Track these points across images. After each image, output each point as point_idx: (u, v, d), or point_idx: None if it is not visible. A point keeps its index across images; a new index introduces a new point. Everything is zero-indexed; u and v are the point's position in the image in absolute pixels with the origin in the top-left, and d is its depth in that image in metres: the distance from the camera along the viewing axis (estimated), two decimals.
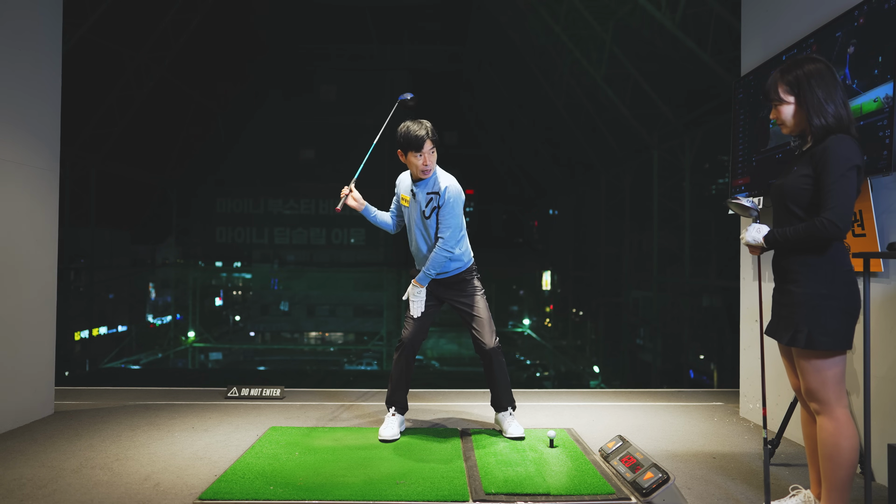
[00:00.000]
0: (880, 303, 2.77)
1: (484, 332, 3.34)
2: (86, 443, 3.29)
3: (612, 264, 18.80)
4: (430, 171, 3.24)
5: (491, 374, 3.40)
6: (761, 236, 2.20)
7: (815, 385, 2.12)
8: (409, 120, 3.25)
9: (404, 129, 3.21)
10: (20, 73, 3.68)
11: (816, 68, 2.12)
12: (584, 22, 13.42)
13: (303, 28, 21.81)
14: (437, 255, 3.24)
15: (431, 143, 3.19)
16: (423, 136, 3.15)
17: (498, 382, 3.41)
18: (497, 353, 3.36)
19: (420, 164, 3.20)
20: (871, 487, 2.28)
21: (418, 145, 3.16)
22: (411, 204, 3.34)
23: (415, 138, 3.16)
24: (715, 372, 14.12)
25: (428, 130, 3.19)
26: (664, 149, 14.31)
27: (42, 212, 3.87)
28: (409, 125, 3.21)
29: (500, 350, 3.38)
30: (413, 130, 3.18)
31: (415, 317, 3.33)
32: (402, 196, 3.40)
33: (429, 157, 3.20)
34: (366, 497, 2.52)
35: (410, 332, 3.39)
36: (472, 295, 3.39)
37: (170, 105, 18.60)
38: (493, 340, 3.34)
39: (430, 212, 3.26)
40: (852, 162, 2.03)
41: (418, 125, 3.20)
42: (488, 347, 3.33)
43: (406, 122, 3.23)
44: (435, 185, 3.26)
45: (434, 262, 3.25)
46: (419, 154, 3.18)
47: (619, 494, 2.56)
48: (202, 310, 25.54)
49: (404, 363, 3.43)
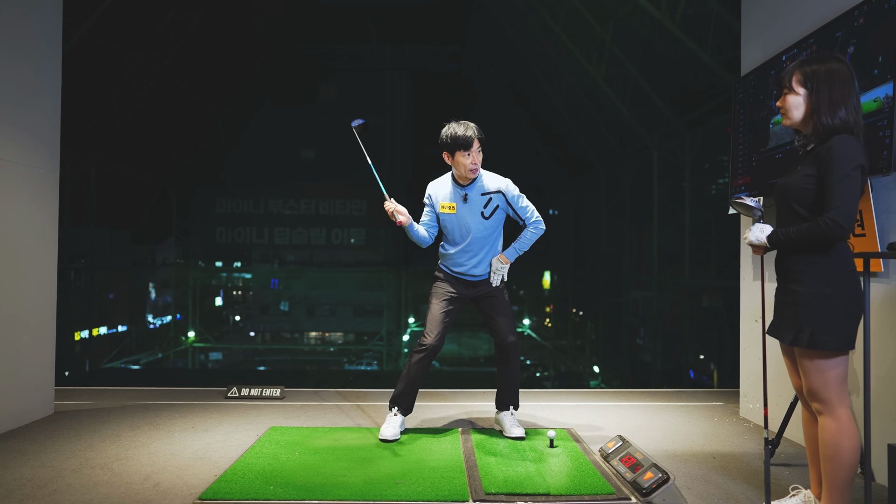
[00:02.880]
0: (880, 303, 2.77)
1: (508, 325, 3.40)
2: (86, 443, 3.29)
3: (612, 264, 18.80)
4: (478, 169, 3.28)
5: (505, 370, 3.43)
6: (764, 236, 2.20)
7: (818, 385, 2.12)
8: (453, 121, 3.27)
9: (450, 130, 3.23)
10: (20, 73, 3.67)
11: (838, 69, 2.11)
12: (584, 22, 13.43)
13: (303, 28, 21.82)
14: (534, 235, 3.39)
15: (478, 141, 3.23)
16: (470, 135, 3.19)
17: (510, 378, 3.44)
18: (517, 348, 3.40)
19: (469, 162, 3.22)
20: (871, 487, 2.28)
21: (467, 144, 3.19)
22: (460, 210, 3.33)
23: (463, 138, 3.19)
24: (715, 372, 14.12)
25: (474, 130, 3.23)
26: (664, 149, 14.31)
27: (42, 212, 3.87)
28: (454, 126, 3.24)
29: (519, 346, 3.43)
30: (460, 131, 3.21)
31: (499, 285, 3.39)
32: (441, 205, 3.37)
33: (477, 156, 3.23)
34: (366, 497, 2.52)
35: (436, 335, 3.35)
36: (500, 290, 3.44)
37: (170, 105, 18.61)
38: (515, 336, 3.41)
39: (491, 212, 3.32)
40: (857, 162, 2.02)
41: (464, 126, 3.23)
42: (510, 341, 3.38)
43: (450, 124, 3.26)
44: (491, 185, 3.32)
45: (529, 241, 3.39)
46: (468, 153, 3.21)
47: (619, 494, 2.56)
48: (202, 310, 25.54)
49: (422, 367, 3.39)
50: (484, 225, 3.33)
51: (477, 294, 3.43)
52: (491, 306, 3.43)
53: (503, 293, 3.47)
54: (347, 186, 25.29)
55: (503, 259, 3.37)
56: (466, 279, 3.42)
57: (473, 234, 3.33)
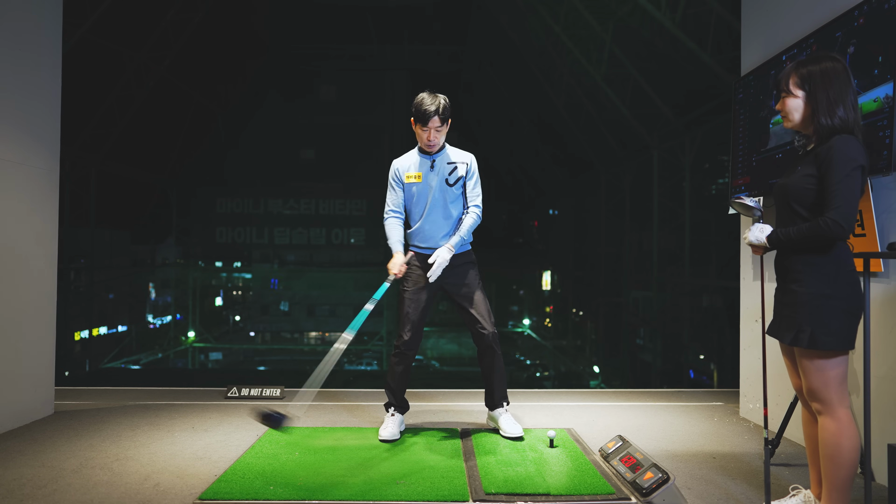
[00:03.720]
0: (880, 303, 2.77)
1: (484, 317, 3.31)
2: (86, 443, 3.29)
3: (612, 264, 18.80)
4: (434, 147, 3.25)
5: (489, 364, 3.37)
6: (764, 236, 2.20)
7: (818, 385, 2.12)
8: (428, 91, 3.18)
9: (418, 99, 3.17)
10: (20, 73, 3.67)
11: (833, 67, 2.11)
12: (584, 22, 13.43)
13: (303, 28, 21.82)
14: (474, 221, 3.32)
15: (439, 120, 3.14)
16: (430, 111, 3.11)
17: (495, 372, 3.38)
18: (496, 340, 3.33)
19: (424, 137, 3.20)
20: (871, 487, 2.28)
21: (424, 119, 3.14)
22: (426, 178, 3.29)
23: (422, 113, 3.13)
24: (715, 372, 14.13)
25: (439, 107, 3.13)
26: (664, 149, 14.31)
27: (42, 212, 3.87)
28: (424, 98, 3.15)
29: (498, 337, 3.35)
30: (424, 104, 3.13)
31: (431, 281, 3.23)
32: (407, 175, 3.33)
33: (433, 134, 3.18)
34: (366, 497, 2.52)
35: (408, 335, 3.34)
36: (474, 280, 3.36)
37: (170, 105, 18.61)
38: (492, 326, 3.33)
39: (455, 180, 3.28)
40: (857, 162, 2.02)
41: (431, 99, 3.14)
42: (488, 332, 3.30)
43: (422, 94, 3.18)
44: (458, 156, 3.30)
45: (469, 228, 3.30)
46: (424, 128, 3.17)
47: (619, 494, 2.56)
48: (202, 310, 25.55)
49: (403, 368, 3.40)
50: (448, 192, 3.29)
51: (450, 279, 3.32)
52: (466, 293, 3.33)
53: (478, 279, 3.38)
54: (347, 186, 25.30)
55: (450, 248, 3.23)
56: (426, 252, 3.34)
57: (437, 200, 3.29)
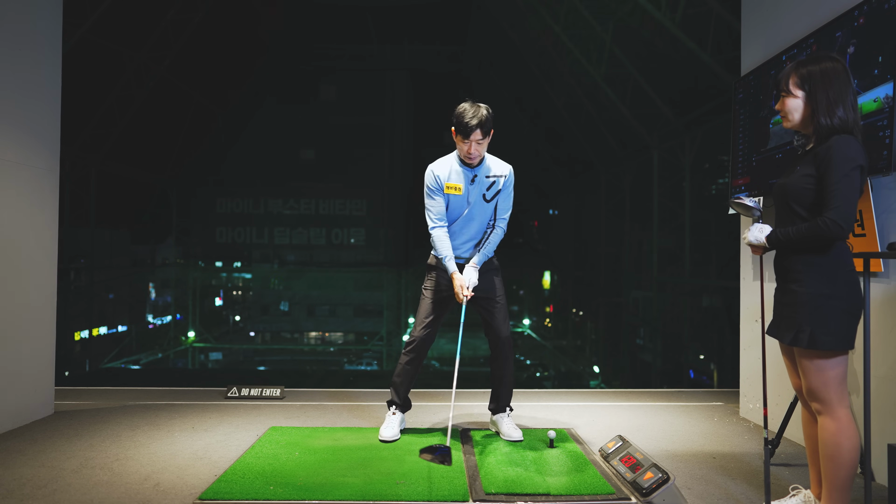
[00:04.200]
0: (880, 303, 2.77)
1: (502, 321, 3.34)
2: (86, 443, 3.28)
3: (612, 264, 18.81)
4: (475, 159, 3.18)
5: (500, 367, 3.38)
6: (763, 236, 2.20)
7: (818, 385, 2.12)
8: (469, 102, 3.13)
9: (460, 110, 3.10)
10: (20, 73, 3.67)
11: (833, 67, 2.11)
12: (584, 22, 13.43)
13: (303, 28, 21.82)
14: (499, 239, 3.32)
15: (481, 133, 3.09)
16: (473, 126, 3.05)
17: (504, 378, 3.39)
18: (510, 345, 3.36)
19: (465, 150, 3.14)
20: (871, 487, 2.28)
21: (465, 133, 3.08)
22: (466, 190, 3.24)
23: (464, 125, 3.07)
24: (715, 372, 14.13)
25: (482, 120, 3.07)
26: (664, 149, 14.32)
27: (42, 212, 3.87)
28: (466, 108, 3.08)
29: (512, 342, 3.38)
30: (466, 116, 3.06)
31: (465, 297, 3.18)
32: (447, 185, 3.24)
33: (474, 147, 3.12)
34: (366, 497, 2.52)
35: (423, 332, 3.34)
36: (498, 286, 3.37)
37: (170, 105, 18.62)
38: (508, 331, 3.36)
39: (493, 196, 3.27)
40: (856, 162, 2.02)
41: (473, 111, 3.07)
42: (504, 335, 3.33)
43: (464, 104, 3.12)
44: (498, 168, 3.27)
45: (494, 245, 3.32)
46: (465, 141, 3.10)
47: (619, 494, 2.56)
48: (202, 310, 25.56)
49: (413, 366, 3.40)
50: (483, 207, 3.28)
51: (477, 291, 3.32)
52: (489, 296, 3.34)
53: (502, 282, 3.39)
54: (347, 186, 25.32)
55: (474, 266, 3.24)
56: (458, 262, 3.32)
57: (473, 214, 3.28)
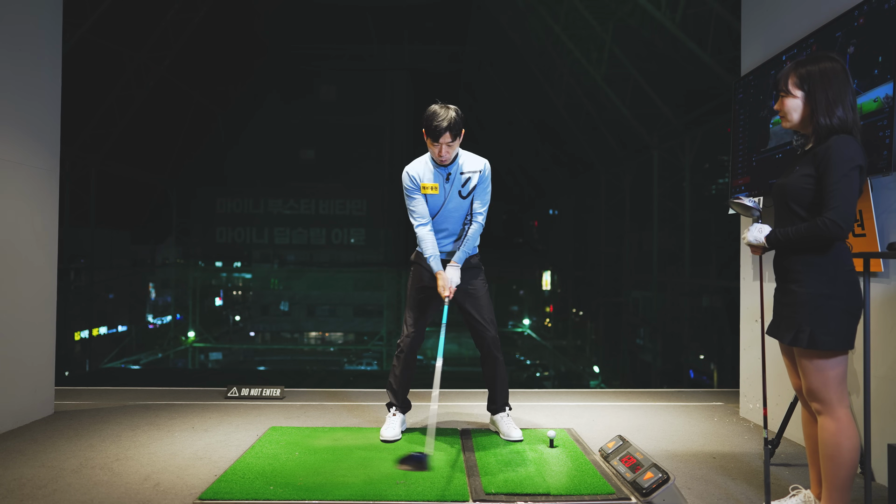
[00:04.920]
0: (880, 303, 2.77)
1: (486, 321, 3.33)
2: (86, 443, 3.29)
3: (612, 264, 18.81)
4: (447, 161, 3.19)
5: (491, 367, 3.38)
6: (763, 236, 2.20)
7: (817, 385, 2.12)
8: (439, 104, 3.12)
9: (430, 113, 3.07)
10: (20, 73, 3.67)
11: (832, 67, 2.12)
12: (584, 22, 13.43)
13: (303, 28, 21.82)
14: (476, 234, 3.29)
15: (451, 136, 3.06)
16: (442, 128, 3.03)
17: (497, 378, 3.38)
18: (497, 344, 3.34)
19: (436, 152, 3.13)
20: (871, 487, 2.28)
21: (435, 136, 3.06)
22: (442, 189, 3.24)
23: (433, 129, 3.05)
24: (715, 372, 14.13)
25: (451, 123, 3.04)
26: (664, 149, 14.32)
27: (42, 212, 3.87)
28: (435, 111, 3.06)
29: (499, 342, 3.36)
30: (435, 120, 3.03)
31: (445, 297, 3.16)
32: (423, 185, 3.24)
33: (444, 149, 3.10)
34: (366, 497, 2.52)
35: (409, 339, 3.37)
36: (480, 284, 3.35)
37: (170, 105, 18.62)
38: (494, 330, 3.34)
39: (468, 192, 3.26)
40: (855, 162, 2.02)
41: (444, 113, 3.04)
42: (489, 336, 3.32)
43: (434, 106, 3.11)
44: (472, 164, 3.24)
45: (474, 240, 3.29)
46: (435, 144, 3.10)
47: (619, 494, 2.56)
48: (202, 310, 25.55)
49: (404, 367, 3.42)
50: (460, 203, 3.28)
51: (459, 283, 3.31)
52: (468, 300, 3.33)
53: (484, 281, 3.37)
54: (347, 186, 25.31)
55: (454, 264, 3.23)
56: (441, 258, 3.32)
57: (449, 211, 3.29)
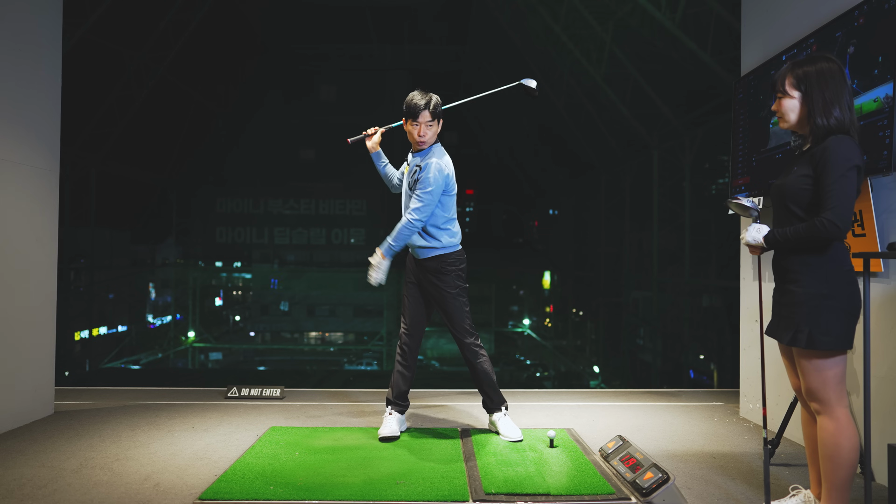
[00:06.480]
0: (880, 303, 2.77)
1: (455, 326, 3.32)
2: (86, 443, 3.29)
3: (612, 264, 18.80)
4: (425, 142, 3.25)
5: (473, 369, 3.39)
6: (761, 236, 2.20)
7: (816, 385, 2.12)
8: (419, 90, 3.24)
9: (410, 96, 3.22)
10: (20, 72, 3.67)
11: (829, 68, 2.12)
12: (584, 22, 13.42)
13: (303, 28, 21.81)
14: (402, 227, 3.17)
15: (430, 114, 3.19)
16: (421, 105, 3.16)
17: (483, 381, 3.38)
18: (470, 349, 3.33)
19: (415, 132, 3.22)
20: (871, 487, 2.28)
21: (414, 114, 3.18)
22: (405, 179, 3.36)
23: (413, 106, 3.18)
24: (715, 372, 14.12)
25: (430, 103, 3.19)
26: (664, 149, 14.31)
27: (42, 212, 3.87)
28: (415, 94, 3.22)
29: (475, 346, 3.34)
30: (415, 99, 3.19)
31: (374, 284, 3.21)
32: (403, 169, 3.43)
33: (424, 128, 3.20)
34: (366, 497, 2.52)
35: (405, 329, 3.43)
36: (445, 287, 3.27)
37: (170, 105, 18.59)
38: (465, 335, 3.32)
39: (413, 184, 3.24)
40: (852, 162, 2.03)
41: (422, 95, 3.20)
42: (464, 341, 3.34)
43: (414, 91, 3.24)
44: (425, 159, 3.24)
45: (397, 234, 3.17)
46: (415, 123, 3.20)
47: (619, 494, 2.56)
48: (202, 310, 25.53)
49: (402, 365, 3.43)
50: (409, 197, 3.27)
51: (425, 280, 3.31)
52: (436, 303, 3.34)
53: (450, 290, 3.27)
54: (347, 186, 25.29)
55: (378, 253, 3.18)
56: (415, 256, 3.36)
57: (403, 202, 3.34)
